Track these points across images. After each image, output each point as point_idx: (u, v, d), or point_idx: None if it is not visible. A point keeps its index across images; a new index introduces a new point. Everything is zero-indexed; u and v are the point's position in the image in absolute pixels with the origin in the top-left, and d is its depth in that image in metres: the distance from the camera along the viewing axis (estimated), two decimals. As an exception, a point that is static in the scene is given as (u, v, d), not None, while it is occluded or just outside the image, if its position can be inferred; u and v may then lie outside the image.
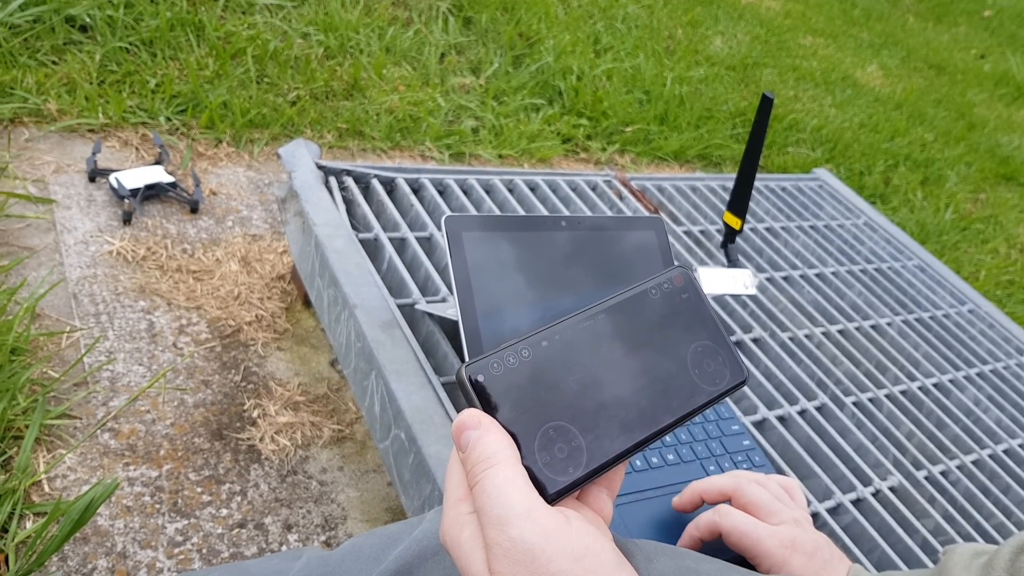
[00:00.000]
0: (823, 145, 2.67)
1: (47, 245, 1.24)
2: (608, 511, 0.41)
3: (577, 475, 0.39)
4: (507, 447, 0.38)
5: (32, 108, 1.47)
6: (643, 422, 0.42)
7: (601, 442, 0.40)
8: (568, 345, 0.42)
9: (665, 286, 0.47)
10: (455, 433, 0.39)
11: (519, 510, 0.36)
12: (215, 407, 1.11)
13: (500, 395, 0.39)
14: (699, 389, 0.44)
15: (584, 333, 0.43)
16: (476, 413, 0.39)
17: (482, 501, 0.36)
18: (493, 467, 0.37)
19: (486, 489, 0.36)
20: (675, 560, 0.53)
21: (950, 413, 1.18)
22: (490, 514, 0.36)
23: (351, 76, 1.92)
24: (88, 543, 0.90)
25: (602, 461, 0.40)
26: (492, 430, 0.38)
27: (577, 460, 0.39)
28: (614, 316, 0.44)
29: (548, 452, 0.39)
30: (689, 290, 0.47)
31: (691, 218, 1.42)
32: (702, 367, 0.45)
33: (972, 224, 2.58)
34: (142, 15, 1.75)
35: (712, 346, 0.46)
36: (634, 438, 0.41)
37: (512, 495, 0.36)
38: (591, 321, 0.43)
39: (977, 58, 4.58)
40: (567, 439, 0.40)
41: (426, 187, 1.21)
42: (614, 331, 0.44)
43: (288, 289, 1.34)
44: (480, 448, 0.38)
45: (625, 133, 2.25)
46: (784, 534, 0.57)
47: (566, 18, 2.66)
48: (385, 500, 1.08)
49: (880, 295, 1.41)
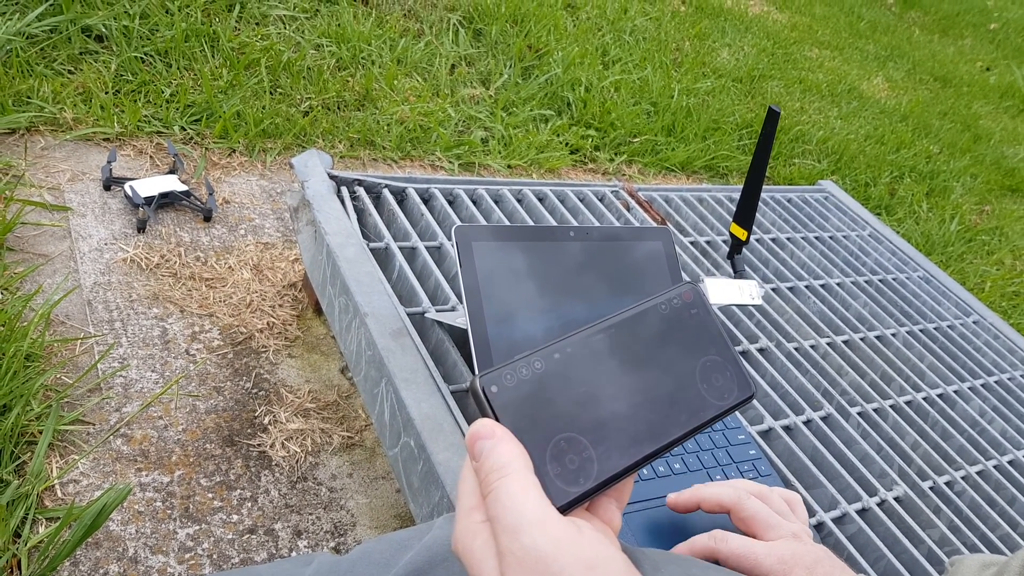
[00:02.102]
0: (829, 157, 2.68)
1: (62, 252, 1.26)
2: (617, 522, 0.42)
3: (588, 486, 0.40)
4: (520, 457, 0.38)
5: (48, 117, 1.49)
6: (652, 435, 0.43)
7: (611, 454, 0.41)
8: (580, 358, 0.42)
9: (675, 301, 0.47)
10: (469, 443, 0.39)
11: (532, 519, 0.36)
12: (227, 413, 1.12)
13: (513, 406, 0.40)
14: (707, 403, 0.45)
15: (595, 347, 0.43)
16: (490, 423, 0.39)
17: (495, 510, 0.37)
18: (507, 476, 0.37)
19: (499, 498, 0.37)
20: (683, 568, 0.53)
21: (955, 424, 1.18)
22: (503, 522, 0.36)
23: (363, 87, 1.94)
24: (100, 548, 0.91)
25: (612, 473, 0.41)
26: (506, 440, 0.39)
27: (588, 471, 0.40)
28: (625, 330, 0.45)
29: (559, 463, 0.40)
30: (698, 306, 0.48)
31: (698, 229, 1.43)
32: (710, 382, 0.46)
33: (977, 235, 2.59)
34: (157, 26, 1.77)
35: (720, 361, 0.47)
36: (643, 451, 0.42)
37: (526, 504, 0.36)
38: (602, 335, 0.44)
39: (983, 70, 4.59)
40: (578, 451, 0.40)
41: (436, 197, 1.22)
42: (624, 345, 0.44)
43: (299, 297, 1.35)
44: (494, 458, 0.38)
45: (633, 144, 2.26)
46: (782, 550, 0.58)
47: (575, 30, 2.68)
48: (394, 507, 1.09)
49: (885, 306, 1.41)
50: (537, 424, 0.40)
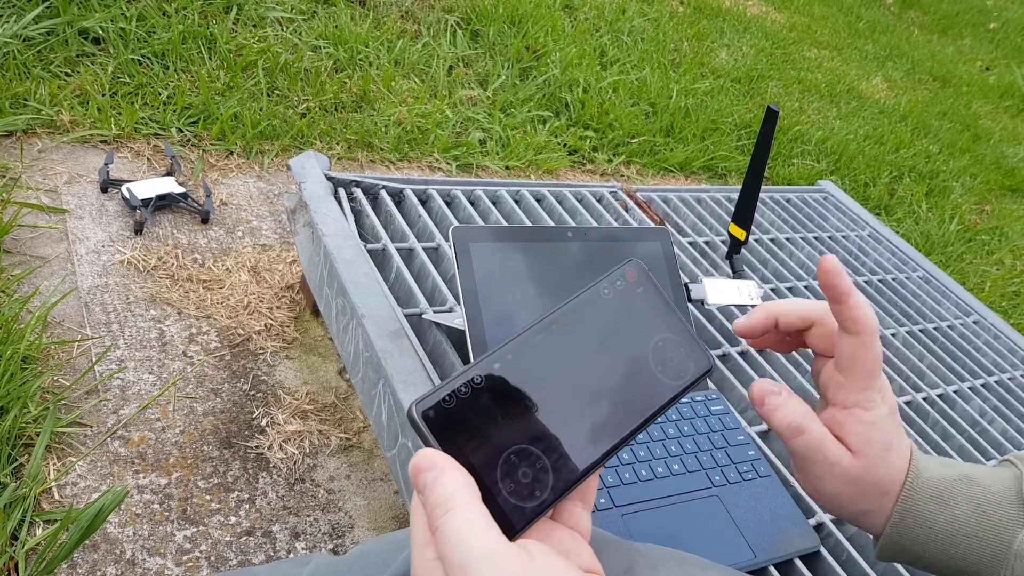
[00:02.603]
0: (828, 157, 2.68)
1: (59, 254, 1.26)
2: (584, 524, 0.41)
3: (544, 497, 0.38)
4: (464, 486, 0.37)
5: (45, 119, 1.49)
6: (609, 430, 0.40)
7: (567, 459, 0.39)
8: (522, 362, 0.40)
9: (618, 283, 0.44)
10: (412, 476, 0.38)
11: (477, 554, 0.34)
12: (224, 415, 1.12)
13: (455, 428, 0.38)
14: (664, 385, 0.42)
15: (538, 347, 0.41)
16: (431, 454, 0.37)
17: (443, 548, 0.35)
18: (451, 511, 0.36)
19: (446, 535, 0.35)
20: (681, 567, 0.53)
21: (955, 424, 1.18)
22: (451, 561, 0.35)
23: (360, 88, 1.94)
24: (98, 551, 0.91)
25: (570, 479, 0.39)
26: (447, 470, 0.37)
27: (543, 482, 0.38)
28: (567, 323, 0.42)
29: (512, 479, 0.38)
30: (644, 283, 0.45)
31: (696, 229, 1.43)
32: (665, 362, 0.43)
33: (977, 235, 2.59)
34: (154, 28, 1.77)
35: (673, 338, 0.44)
36: (600, 449, 0.40)
37: (471, 540, 0.35)
38: (544, 333, 0.41)
39: (982, 70, 4.59)
40: (531, 462, 0.38)
41: (434, 198, 1.22)
42: (569, 339, 0.42)
43: (297, 299, 1.35)
44: (437, 491, 0.36)
45: (631, 145, 2.26)
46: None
47: (572, 31, 2.68)
48: (392, 508, 1.08)
49: (885, 306, 1.41)
50: (484, 442, 0.38)
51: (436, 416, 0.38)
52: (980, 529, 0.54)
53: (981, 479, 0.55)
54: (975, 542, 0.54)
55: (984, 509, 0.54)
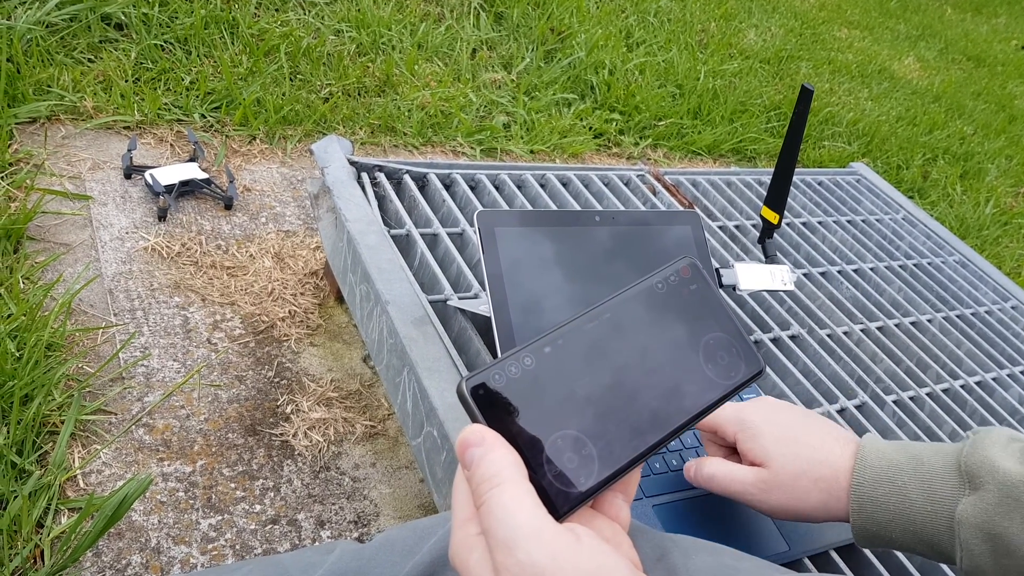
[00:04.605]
0: (860, 139, 2.62)
1: (83, 241, 1.26)
2: (624, 516, 0.40)
3: (589, 484, 0.38)
4: (512, 464, 0.36)
5: (68, 106, 1.49)
6: (656, 424, 0.40)
7: (613, 448, 0.39)
8: (573, 349, 0.40)
9: (672, 279, 0.44)
10: (459, 451, 0.37)
11: (526, 531, 0.34)
12: (249, 403, 1.11)
13: (504, 407, 0.38)
14: (713, 384, 0.43)
15: (589, 335, 0.41)
16: (479, 429, 0.37)
17: (488, 523, 0.35)
18: (498, 486, 0.35)
19: (492, 510, 0.35)
20: (715, 557, 0.52)
21: (994, 412, 1.15)
22: (497, 536, 0.35)
23: (383, 72, 1.92)
24: (122, 539, 0.91)
25: (614, 469, 0.38)
26: (496, 447, 0.37)
27: (589, 469, 0.38)
28: (620, 314, 0.42)
29: (558, 463, 0.38)
30: (697, 280, 0.45)
31: (726, 213, 1.40)
32: (715, 360, 0.43)
33: (1014, 219, 2.52)
34: (177, 13, 1.76)
35: (725, 337, 0.44)
36: (647, 442, 0.40)
37: (518, 516, 0.35)
38: (596, 322, 0.41)
39: (1018, 49, 4.48)
40: (577, 448, 0.38)
41: (458, 183, 1.20)
42: (621, 330, 0.42)
43: (321, 285, 1.34)
44: (484, 467, 0.36)
45: (658, 127, 2.22)
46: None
47: (598, 12, 2.64)
48: (417, 497, 1.07)
49: (920, 291, 1.37)
50: (532, 424, 0.38)
51: (485, 394, 0.38)
52: (929, 504, 0.57)
53: (929, 458, 0.59)
54: (929, 518, 0.57)
55: (931, 486, 0.58)
